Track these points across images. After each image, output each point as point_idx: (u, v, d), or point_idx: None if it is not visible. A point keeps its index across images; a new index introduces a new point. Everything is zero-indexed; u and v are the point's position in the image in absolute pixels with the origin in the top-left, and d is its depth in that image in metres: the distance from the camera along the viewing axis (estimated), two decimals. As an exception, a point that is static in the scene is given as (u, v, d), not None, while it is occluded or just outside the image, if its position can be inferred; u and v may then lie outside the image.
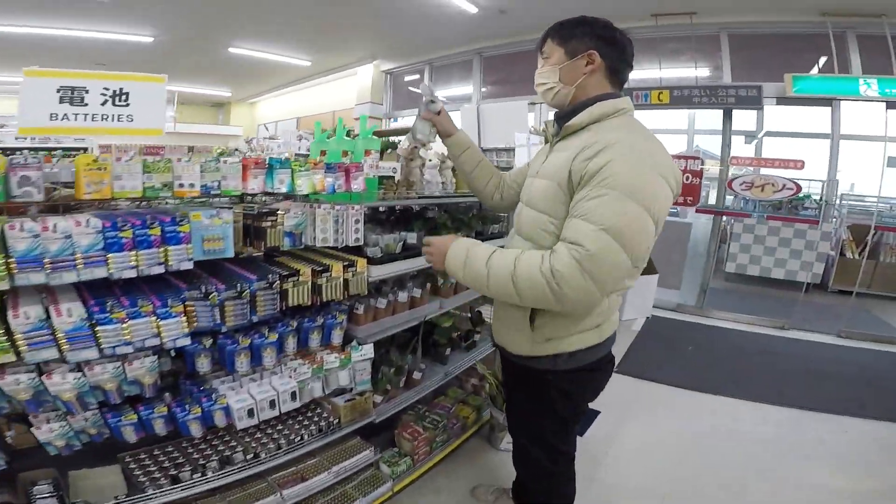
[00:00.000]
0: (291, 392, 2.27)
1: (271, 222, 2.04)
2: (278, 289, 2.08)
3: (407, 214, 3.27)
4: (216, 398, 2.08)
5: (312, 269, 2.18)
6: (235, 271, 2.13)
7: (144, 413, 1.93)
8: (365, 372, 2.52)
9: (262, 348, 2.15)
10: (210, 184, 1.85)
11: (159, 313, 1.78)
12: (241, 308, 2.00)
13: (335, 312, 2.39)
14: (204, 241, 1.82)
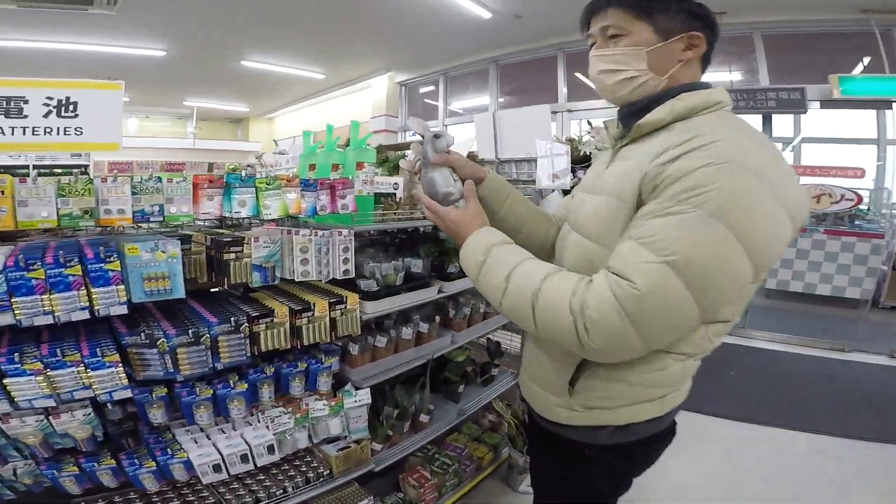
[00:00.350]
0: (268, 445, 1.92)
1: (235, 254, 1.68)
2: (247, 332, 1.72)
3: (413, 238, 2.86)
4: (174, 451, 1.74)
5: (290, 309, 1.81)
6: (197, 311, 1.78)
7: (87, 465, 1.63)
8: (360, 419, 2.13)
9: (228, 399, 1.78)
10: (149, 208, 1.50)
11: (88, 363, 1.45)
12: (198, 355, 1.64)
13: (322, 356, 2.01)
14: (144, 281, 1.47)
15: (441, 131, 1.35)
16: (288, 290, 2.05)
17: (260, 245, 1.69)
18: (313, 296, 1.96)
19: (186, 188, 1.56)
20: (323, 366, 1.99)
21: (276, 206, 1.71)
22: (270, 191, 1.71)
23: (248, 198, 1.68)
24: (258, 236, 1.68)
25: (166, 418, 1.75)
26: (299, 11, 7.08)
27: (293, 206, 1.75)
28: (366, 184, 2.10)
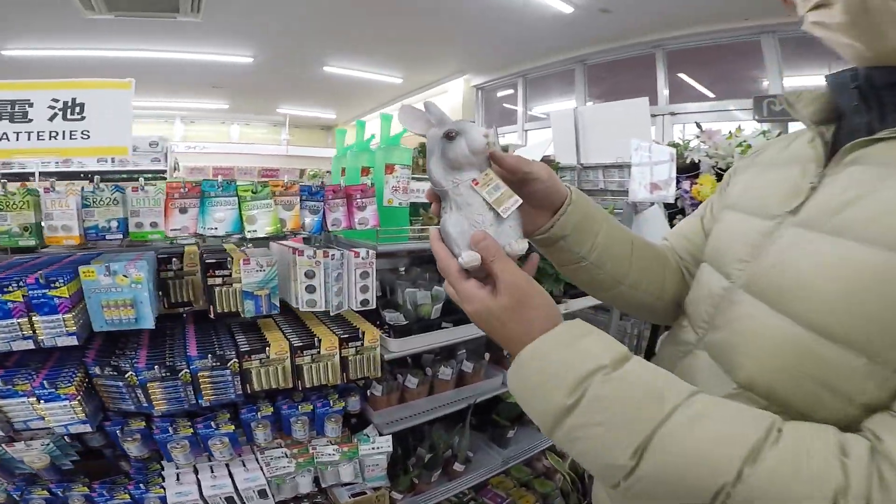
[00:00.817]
0: (259, 490, 1.65)
1: (222, 279, 1.38)
2: (235, 369, 1.43)
3: None
4: (150, 486, 1.51)
5: (291, 345, 1.49)
6: (186, 340, 1.51)
7: (57, 489, 1.47)
8: (378, 468, 1.79)
9: (211, 440, 1.50)
10: (104, 224, 1.23)
11: (40, 395, 1.23)
12: (176, 391, 1.39)
13: (332, 398, 1.67)
14: (104, 309, 1.22)
15: (461, 126, 0.69)
16: (304, 317, 1.75)
17: (251, 268, 1.39)
18: (325, 328, 1.65)
19: (156, 198, 1.28)
20: (332, 410, 1.64)
21: (265, 220, 1.38)
22: (257, 200, 1.37)
23: (227, 211, 1.36)
24: (249, 258, 1.41)
25: (145, 451, 1.52)
26: (376, 13, 6.93)
27: (291, 221, 1.43)
28: (397, 191, 1.70)
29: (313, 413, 1.63)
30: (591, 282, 0.86)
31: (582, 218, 0.79)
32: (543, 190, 0.74)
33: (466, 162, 0.68)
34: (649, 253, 0.89)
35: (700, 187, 2.72)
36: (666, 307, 0.89)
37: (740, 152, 2.60)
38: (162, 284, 1.47)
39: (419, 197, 1.88)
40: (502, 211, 0.67)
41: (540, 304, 0.63)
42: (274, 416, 1.60)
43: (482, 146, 0.67)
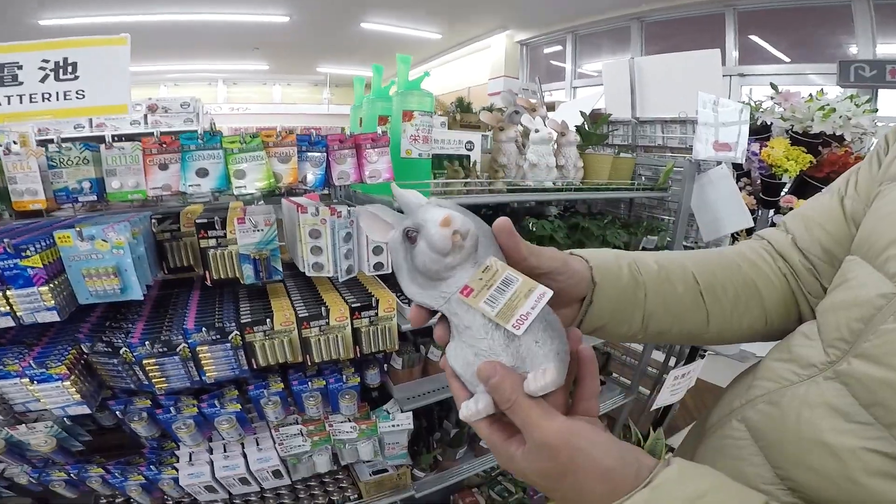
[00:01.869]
0: (273, 470, 1.57)
1: (216, 240, 1.27)
2: (237, 342, 1.33)
3: (495, 216, 2.24)
4: (163, 468, 1.47)
5: (297, 316, 1.37)
6: (187, 311, 1.41)
7: (73, 471, 1.43)
8: (398, 446, 1.70)
9: (217, 419, 1.43)
10: (75, 185, 1.12)
11: (32, 375, 1.15)
12: (175, 367, 1.30)
13: (346, 373, 1.56)
14: (86, 279, 1.12)
15: (416, 221, 0.48)
16: (317, 283, 1.61)
17: (246, 228, 1.27)
18: (336, 295, 1.50)
19: (133, 156, 1.17)
20: (346, 386, 1.54)
21: (256, 174, 1.25)
22: (247, 153, 1.24)
23: (212, 166, 1.22)
24: (243, 216, 1.27)
25: (154, 431, 1.45)
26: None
27: (287, 175, 1.28)
28: (416, 141, 1.52)
29: (326, 389, 1.50)
30: (662, 341, 0.69)
31: (617, 299, 0.60)
32: (559, 288, 0.53)
33: (442, 267, 0.47)
34: (731, 286, 0.66)
35: (771, 150, 2.62)
36: (779, 332, 0.67)
37: (822, 116, 2.49)
38: (159, 248, 1.37)
39: (444, 148, 1.71)
40: (513, 326, 0.45)
41: (590, 466, 0.42)
42: (285, 393, 1.48)
43: (443, 244, 0.45)
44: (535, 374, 0.44)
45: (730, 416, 0.62)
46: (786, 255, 0.69)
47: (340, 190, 1.54)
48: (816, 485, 0.48)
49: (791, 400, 0.53)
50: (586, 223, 1.91)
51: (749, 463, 0.55)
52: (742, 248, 0.72)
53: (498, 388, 0.44)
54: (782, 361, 0.59)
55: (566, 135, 1.81)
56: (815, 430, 0.49)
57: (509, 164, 1.73)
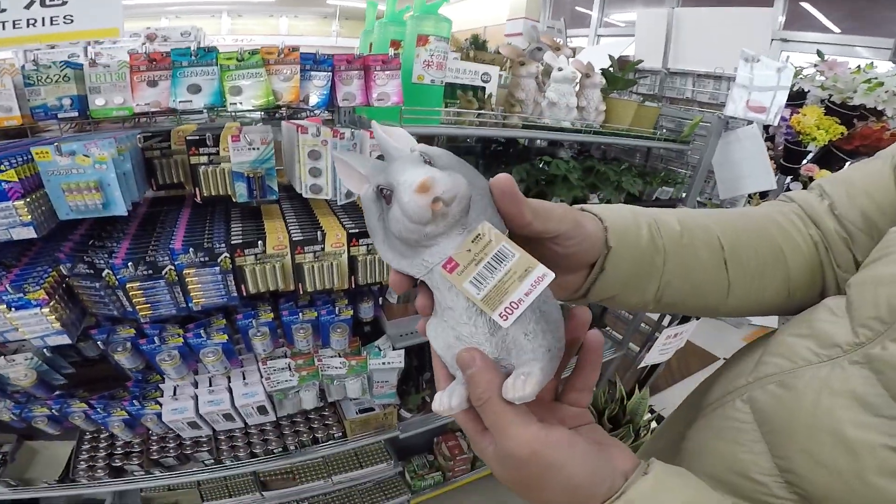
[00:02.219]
0: (258, 406, 1.55)
1: (208, 157, 1.20)
2: (227, 266, 1.27)
3: (504, 154, 2.11)
4: (146, 402, 1.44)
5: (291, 240, 1.30)
6: (176, 230, 1.33)
7: (55, 406, 1.40)
8: (387, 385, 1.68)
9: (203, 351, 1.39)
10: (54, 102, 1.04)
11: (8, 301, 1.08)
12: (160, 292, 1.24)
13: (340, 304, 1.51)
14: (66, 193, 1.04)
15: (390, 177, 0.38)
16: (314, 206, 1.53)
17: (241, 146, 1.18)
18: (334, 220, 1.43)
19: (119, 73, 1.07)
20: (338, 318, 1.50)
21: (253, 91, 1.14)
22: (244, 70, 1.13)
23: (203, 81, 1.12)
24: (238, 134, 1.17)
25: (139, 363, 1.41)
26: None
27: (289, 93, 1.18)
28: (429, 66, 1.42)
29: (318, 321, 1.45)
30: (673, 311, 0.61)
31: (633, 267, 0.51)
32: (567, 253, 0.47)
33: (422, 237, 0.38)
34: (757, 253, 0.58)
35: (802, 118, 2.61)
36: (798, 307, 0.60)
37: (867, 89, 2.48)
38: (148, 166, 1.31)
39: (458, 78, 1.59)
40: (500, 316, 0.38)
41: (557, 483, 0.39)
42: (275, 323, 1.43)
43: (419, 214, 0.36)
44: (515, 381, 0.38)
45: (733, 394, 0.55)
46: (818, 222, 0.61)
47: (345, 114, 1.44)
48: (821, 480, 0.43)
49: (809, 383, 0.47)
50: (602, 167, 1.82)
51: (748, 450, 0.49)
52: (770, 211, 0.63)
53: (472, 382, 0.39)
54: (800, 337, 0.52)
55: (591, 77, 1.72)
56: (832, 421, 0.43)
57: (527, 99, 1.64)
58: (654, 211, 0.56)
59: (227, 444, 1.67)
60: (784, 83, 1.95)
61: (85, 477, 1.54)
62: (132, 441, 1.61)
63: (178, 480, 1.63)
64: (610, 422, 2.28)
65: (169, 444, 1.62)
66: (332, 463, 2.00)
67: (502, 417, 0.38)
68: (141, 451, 1.61)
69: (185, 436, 1.56)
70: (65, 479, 1.53)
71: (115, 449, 1.61)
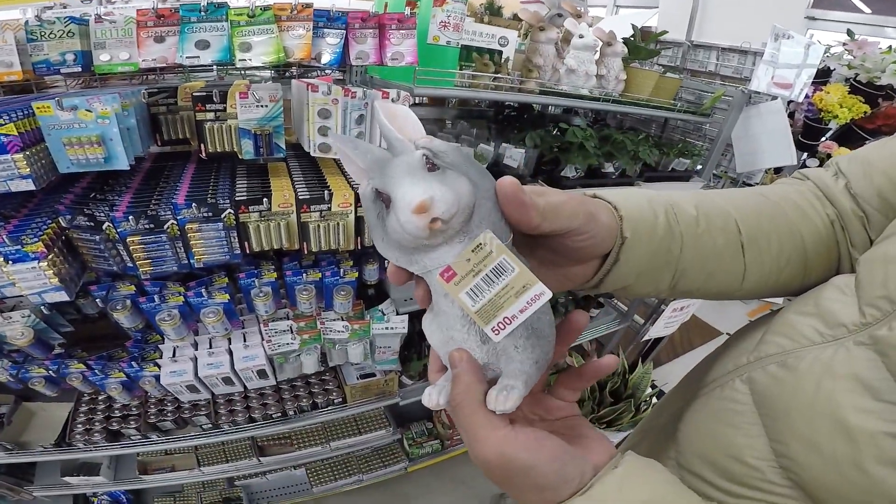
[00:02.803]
0: (258, 370, 1.55)
1: (215, 114, 1.18)
2: (231, 222, 1.25)
3: (519, 119, 2.05)
4: (144, 364, 1.45)
5: (297, 198, 1.28)
6: (180, 185, 1.31)
7: (53, 367, 1.40)
8: (389, 351, 1.69)
9: (204, 310, 1.39)
10: (57, 58, 1.01)
11: (5, 253, 1.06)
12: (161, 247, 1.22)
13: (344, 266, 1.51)
14: (67, 147, 1.02)
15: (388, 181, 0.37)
16: (323, 165, 1.51)
17: (249, 103, 1.15)
18: (342, 180, 1.41)
19: (126, 29, 1.04)
20: (342, 281, 1.49)
21: (263, 48, 1.11)
22: (255, 26, 1.10)
23: (212, 37, 1.09)
24: (247, 91, 1.14)
25: (139, 322, 1.40)
26: None
27: (300, 50, 1.15)
28: (445, 27, 1.39)
29: (321, 283, 1.44)
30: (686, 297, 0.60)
31: (649, 257, 0.49)
32: (579, 247, 0.45)
33: (420, 246, 0.38)
34: (775, 237, 0.55)
35: (825, 95, 2.62)
36: (813, 286, 0.57)
37: None
38: (153, 120, 1.29)
39: (474, 40, 1.59)
40: (492, 330, 0.38)
41: (524, 484, 0.39)
42: (278, 284, 1.42)
43: (416, 233, 0.35)
44: (499, 395, 0.39)
45: (733, 373, 0.54)
46: (834, 201, 0.59)
47: (357, 75, 1.40)
48: (816, 467, 0.42)
49: (811, 364, 0.45)
50: (619, 136, 1.80)
51: (744, 433, 0.48)
52: (787, 191, 0.61)
53: (454, 382, 0.40)
54: (805, 315, 0.50)
55: (613, 45, 1.69)
56: (832, 405, 0.42)
57: (545, 65, 1.62)
58: (670, 196, 0.54)
59: (225, 408, 1.68)
60: (812, 61, 1.95)
61: (81, 441, 1.56)
62: (130, 404, 1.63)
63: (175, 445, 1.65)
64: (611, 395, 2.30)
65: (167, 408, 1.64)
66: (330, 428, 2.03)
67: (472, 421, 0.39)
68: (139, 414, 1.63)
69: (183, 399, 1.56)
70: (61, 442, 1.55)
71: (112, 412, 1.63)
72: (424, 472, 2.26)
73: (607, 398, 2.29)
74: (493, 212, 0.38)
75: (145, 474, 1.79)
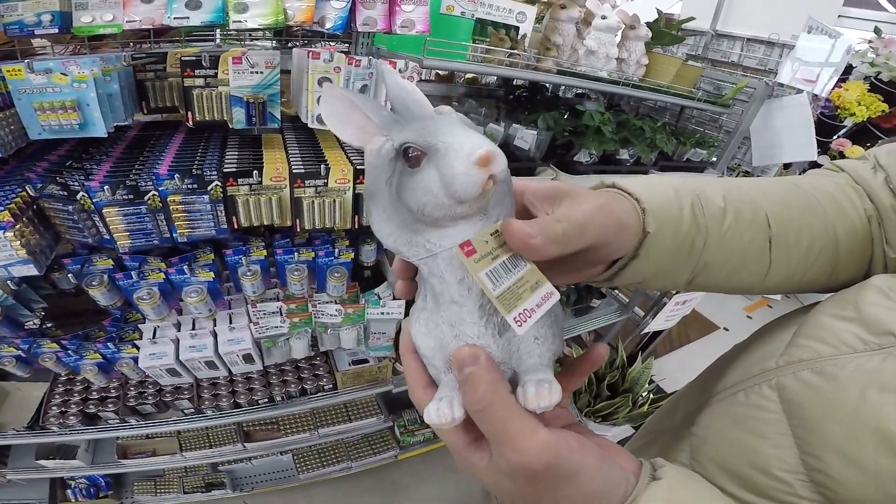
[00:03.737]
0: (244, 354, 1.46)
1: (204, 80, 1.08)
2: (218, 195, 1.15)
3: (531, 99, 1.92)
4: (122, 346, 1.36)
5: (290, 171, 1.18)
6: (164, 154, 1.21)
7: (24, 346, 1.30)
8: (384, 337, 1.61)
9: (186, 289, 1.29)
10: (32, 18, 0.89)
11: None
12: (141, 220, 1.13)
13: (339, 245, 1.41)
14: (38, 112, 0.93)
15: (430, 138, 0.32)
16: (321, 138, 1.41)
17: (243, 69, 1.05)
18: (340, 154, 1.32)
19: None
20: (336, 262, 1.40)
21: (261, 9, 0.98)
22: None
23: None
24: (240, 56, 1.04)
25: (116, 300, 1.30)
26: None
27: (301, 13, 1.03)
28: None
29: (314, 263, 1.35)
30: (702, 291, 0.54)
31: (671, 252, 0.45)
32: (600, 254, 0.42)
33: (446, 215, 0.33)
34: (807, 233, 0.50)
35: (844, 92, 2.59)
36: (839, 287, 0.53)
37: None
38: (140, 87, 1.18)
39: (490, 14, 1.47)
40: (515, 321, 0.33)
41: (574, 494, 0.35)
42: (268, 262, 1.33)
43: (471, 189, 0.31)
44: (539, 389, 0.34)
45: (758, 377, 0.49)
46: (872, 195, 0.55)
47: (363, 45, 1.30)
48: (854, 483, 0.38)
49: (854, 374, 0.41)
50: (638, 122, 1.71)
51: (772, 443, 0.44)
52: (822, 182, 0.55)
53: (469, 384, 0.34)
54: (845, 321, 0.45)
55: (636, 28, 1.60)
56: (878, 419, 0.38)
57: (564, 44, 1.53)
58: (697, 184, 0.49)
59: (209, 391, 1.60)
60: (838, 57, 1.86)
61: (56, 424, 1.48)
62: (108, 386, 1.54)
63: (154, 430, 1.57)
64: (608, 388, 2.24)
65: (147, 391, 1.56)
66: (320, 415, 1.96)
67: (508, 425, 0.33)
68: (118, 396, 1.55)
69: (163, 383, 1.48)
70: (34, 425, 1.47)
71: (90, 393, 1.55)
72: (415, 461, 2.20)
73: (604, 392, 2.23)
74: (507, 195, 0.37)
75: (125, 458, 1.71)
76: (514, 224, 0.34)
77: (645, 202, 0.43)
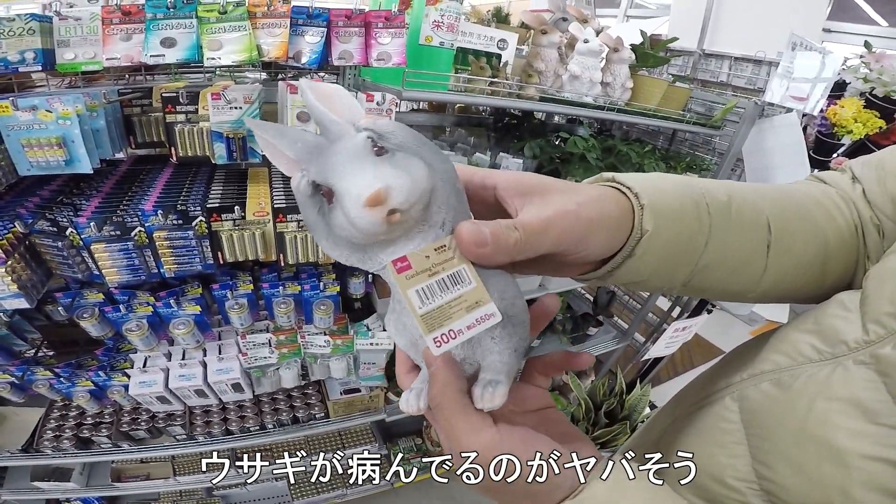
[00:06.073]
0: (233, 383, 1.48)
1: (186, 115, 1.10)
2: (203, 231, 1.18)
3: (518, 127, 1.96)
4: (113, 374, 1.38)
5: (273, 206, 1.21)
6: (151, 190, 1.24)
7: (18, 373, 1.33)
8: (374, 367, 1.61)
9: (173, 322, 1.32)
10: (16, 56, 0.94)
11: None
12: (129, 256, 1.16)
13: (326, 279, 1.43)
14: (25, 149, 0.96)
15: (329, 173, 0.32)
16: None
17: (222, 105, 1.08)
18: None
19: (91, 27, 0.98)
20: (322, 295, 1.42)
21: (235, 46, 1.02)
22: (226, 23, 1.02)
23: (179, 34, 1.01)
24: (220, 92, 1.07)
25: (107, 331, 1.33)
26: None
27: (275, 49, 1.06)
28: (438, 27, 1.31)
29: (300, 296, 1.36)
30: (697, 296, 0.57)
31: (672, 251, 0.43)
32: (568, 259, 0.40)
33: (372, 241, 0.34)
34: (801, 239, 0.50)
35: (839, 109, 2.51)
36: (826, 294, 0.52)
37: None
38: (127, 122, 1.21)
39: (471, 42, 1.50)
40: (433, 341, 0.34)
41: (515, 489, 0.37)
42: (255, 296, 1.36)
43: (369, 229, 0.31)
44: (484, 392, 0.36)
45: (725, 391, 0.50)
46: (859, 207, 0.54)
47: (349, 77, 1.33)
48: (800, 491, 0.39)
49: (806, 383, 0.42)
50: (624, 147, 1.71)
51: (728, 453, 0.45)
52: (811, 190, 0.54)
53: (431, 381, 0.37)
54: (805, 333, 0.46)
55: (620, 51, 1.60)
56: (824, 428, 0.39)
57: (546, 70, 1.52)
58: (703, 182, 0.48)
59: (201, 418, 1.62)
60: (828, 73, 1.85)
61: (50, 447, 1.50)
62: (102, 411, 1.56)
63: (146, 455, 1.59)
64: (606, 416, 2.21)
65: (140, 417, 1.58)
66: (313, 442, 1.95)
67: (454, 424, 0.36)
68: (111, 421, 1.57)
69: (154, 409, 1.50)
70: (29, 448, 1.49)
71: (84, 419, 1.57)
72: (411, 488, 2.19)
73: (602, 419, 2.20)
74: (452, 195, 0.35)
75: (119, 482, 1.72)
76: (464, 229, 0.34)
77: (645, 198, 0.41)
